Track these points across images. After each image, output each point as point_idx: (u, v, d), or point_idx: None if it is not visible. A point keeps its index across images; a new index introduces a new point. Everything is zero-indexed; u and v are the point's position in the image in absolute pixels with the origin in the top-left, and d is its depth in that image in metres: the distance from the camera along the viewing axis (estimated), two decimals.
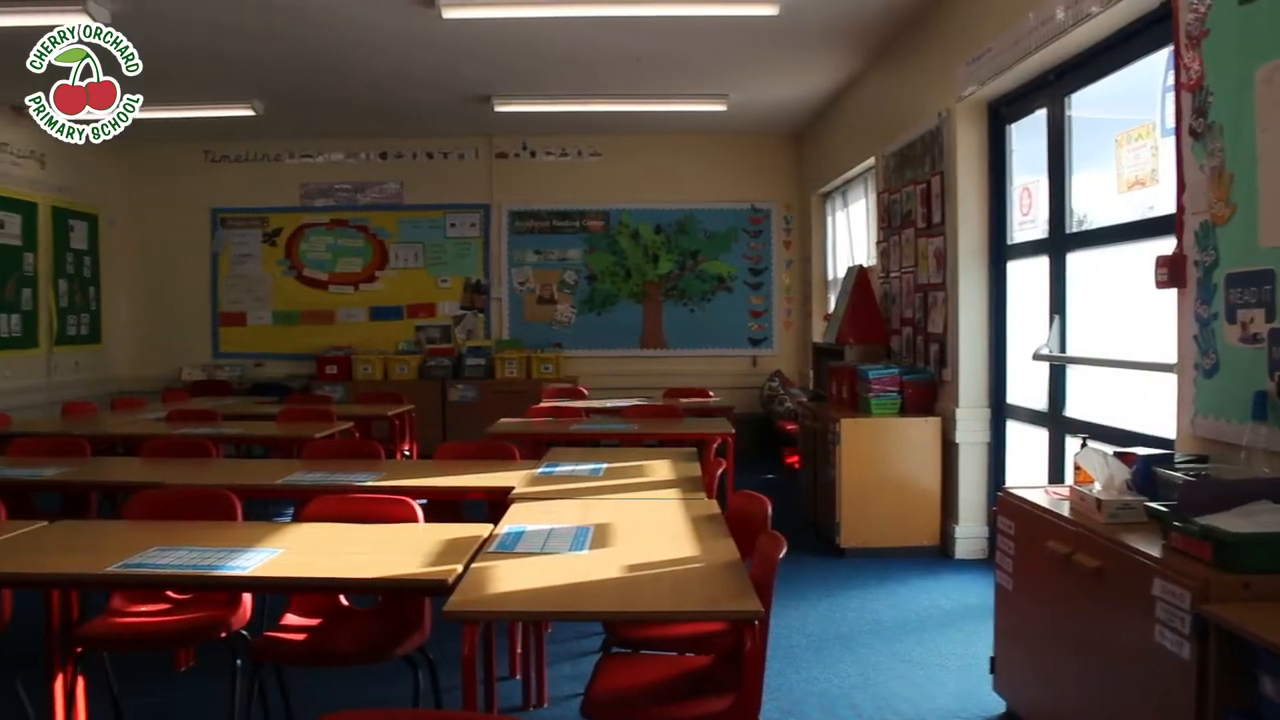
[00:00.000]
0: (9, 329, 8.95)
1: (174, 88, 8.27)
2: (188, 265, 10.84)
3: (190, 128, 9.74)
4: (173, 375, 10.56)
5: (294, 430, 6.27)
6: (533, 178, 10.58)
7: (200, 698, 4.10)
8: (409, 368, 10.22)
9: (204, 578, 2.86)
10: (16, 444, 5.52)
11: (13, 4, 6.05)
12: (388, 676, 4.10)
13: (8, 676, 3.60)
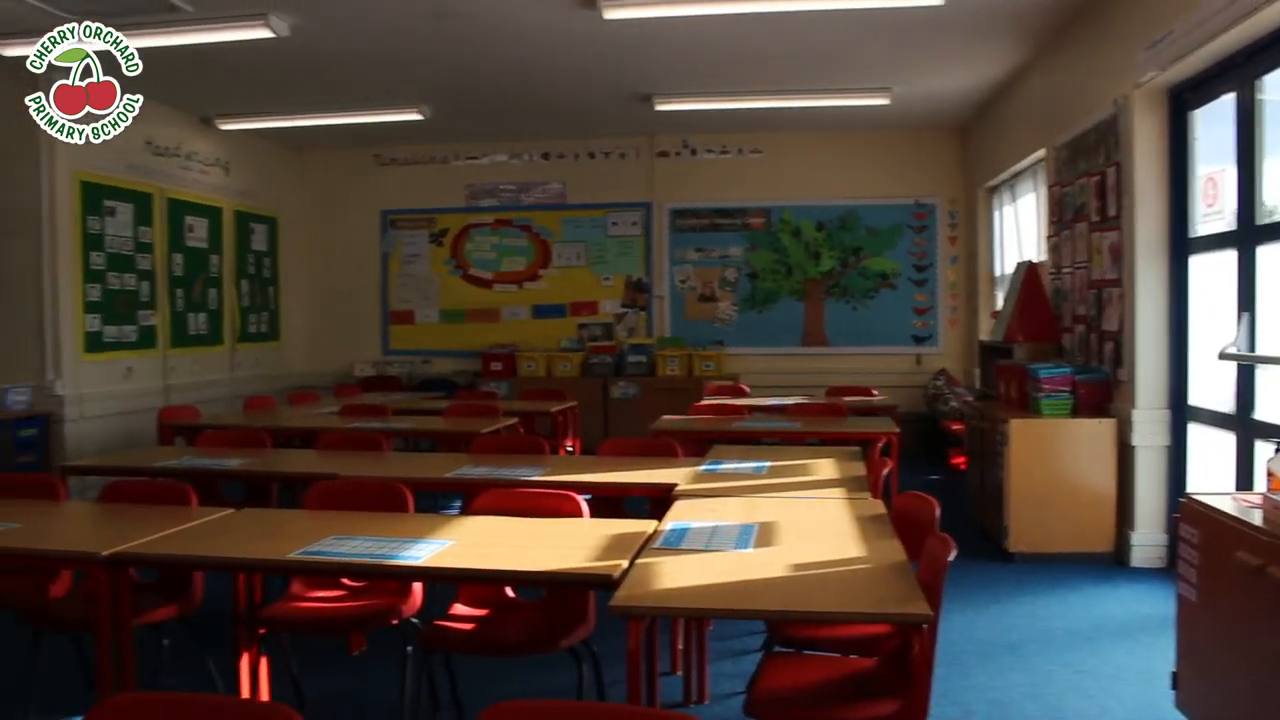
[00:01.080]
0: (197, 327, 9.46)
1: (347, 95, 8.59)
2: (359, 265, 11.25)
3: (361, 132, 10.12)
4: (345, 371, 10.96)
5: (461, 425, 6.43)
6: (693, 176, 10.60)
7: (372, 681, 4.24)
8: (572, 365, 10.37)
9: (379, 566, 2.96)
10: (204, 436, 5.84)
11: (200, 22, 6.38)
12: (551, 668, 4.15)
13: (199, 653, 3.80)
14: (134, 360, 8.59)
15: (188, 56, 7.07)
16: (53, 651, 3.80)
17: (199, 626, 3.86)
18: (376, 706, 3.97)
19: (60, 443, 7.75)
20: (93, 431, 8.03)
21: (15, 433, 7.43)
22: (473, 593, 3.62)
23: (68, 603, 3.81)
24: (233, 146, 10.01)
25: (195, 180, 9.45)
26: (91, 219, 8.09)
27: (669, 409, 7.43)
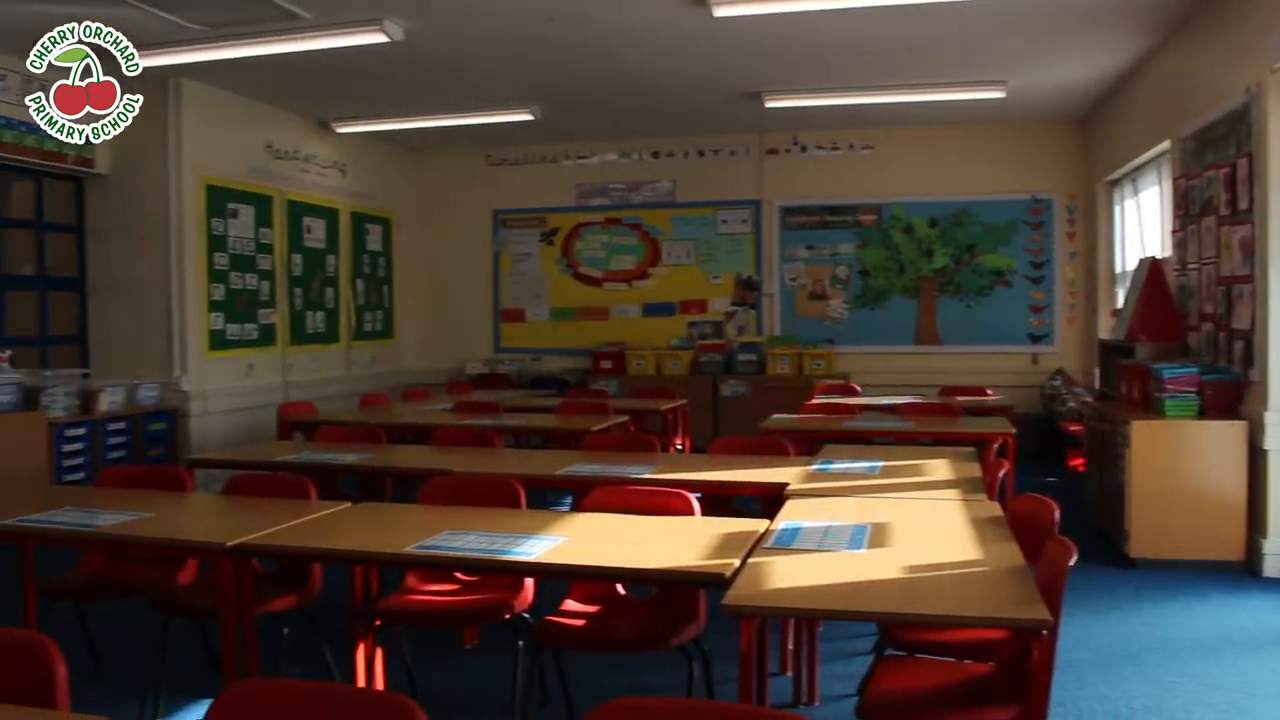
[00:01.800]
0: (315, 325, 9.71)
1: (459, 97, 8.73)
2: (471, 264, 11.42)
3: (473, 133, 10.27)
4: (457, 368, 11.14)
5: (572, 423, 6.49)
6: (803, 173, 10.52)
7: (484, 675, 4.30)
8: (681, 363, 10.37)
9: (493, 561, 3.00)
10: (322, 431, 5.99)
11: (317, 29, 6.54)
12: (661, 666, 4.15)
13: (317, 643, 3.90)
14: (255, 357, 8.86)
15: (306, 63, 7.26)
16: (180, 637, 3.93)
17: (317, 617, 3.95)
18: (487, 700, 4.02)
19: (186, 437, 8.04)
20: (216, 426, 8.30)
21: (145, 427, 7.73)
22: (584, 589, 3.65)
23: (194, 590, 3.94)
24: (349, 149, 10.25)
25: (313, 182, 9.70)
26: (216, 221, 8.37)
27: (779, 408, 7.38)
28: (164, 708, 3.85)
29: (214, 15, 6.39)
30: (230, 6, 6.21)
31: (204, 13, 6.34)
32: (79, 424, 7.24)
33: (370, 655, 3.63)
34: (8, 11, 6.24)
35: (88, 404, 7.40)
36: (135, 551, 4.10)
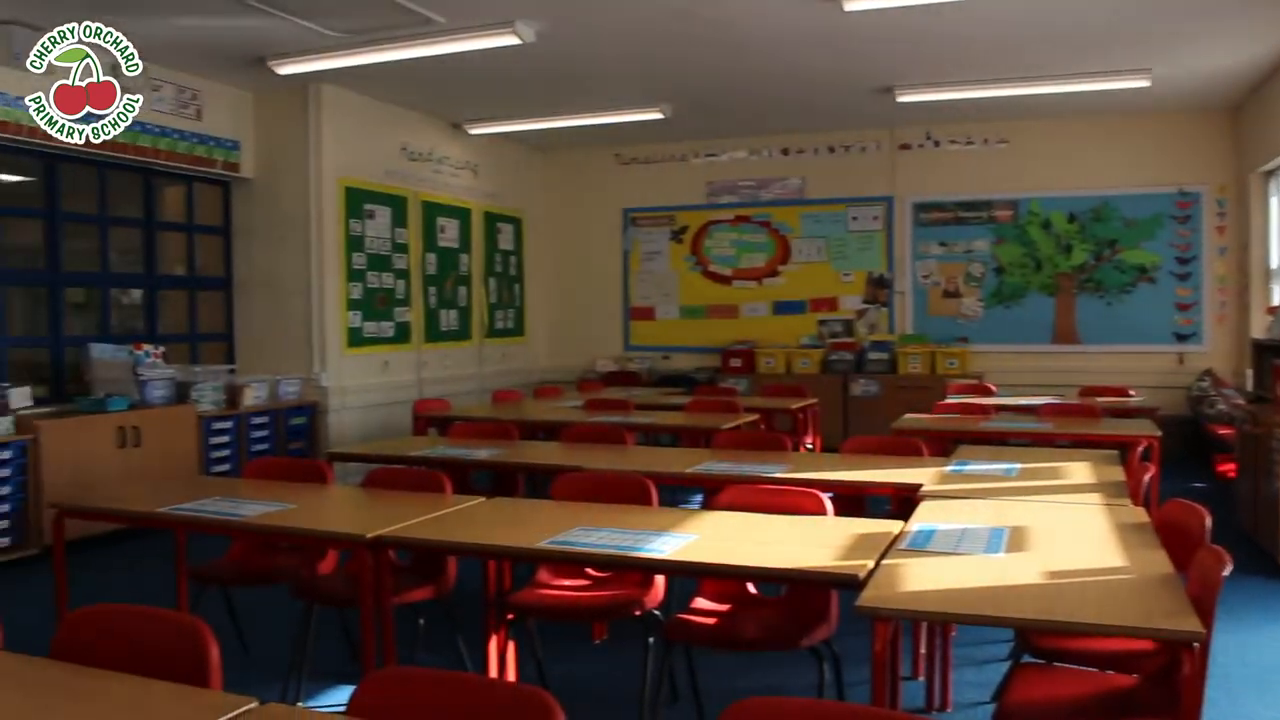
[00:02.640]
0: (448, 323, 9.91)
1: (590, 97, 8.80)
2: (601, 263, 11.50)
3: (603, 133, 10.34)
4: (587, 366, 11.23)
5: (702, 421, 6.48)
6: (937, 168, 10.31)
7: (613, 670, 4.33)
8: (811, 362, 10.28)
9: (625, 558, 3.02)
10: (456, 427, 6.10)
11: (452, 33, 6.66)
12: (790, 666, 4.13)
13: (451, 633, 3.98)
14: (390, 354, 9.08)
15: (440, 66, 7.40)
16: (320, 624, 4.05)
17: (451, 608, 4.03)
18: (616, 695, 4.04)
19: (324, 431, 8.29)
20: (353, 421, 8.54)
21: (287, 421, 7.99)
22: (715, 587, 3.64)
23: (334, 580, 4.06)
24: (481, 150, 10.43)
25: (446, 183, 9.90)
26: (353, 222, 8.60)
27: (911, 407, 7.26)
28: (304, 691, 3.97)
29: (352, 22, 6.56)
30: (367, 14, 6.37)
31: (343, 20, 6.52)
32: (226, 418, 7.53)
33: (503, 647, 3.69)
34: (160, 26, 6.51)
35: (234, 398, 7.69)
36: (279, 541, 4.24)
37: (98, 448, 6.60)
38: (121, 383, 7.06)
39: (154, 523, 3.92)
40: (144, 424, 6.88)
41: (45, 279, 7.29)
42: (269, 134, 8.44)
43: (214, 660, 2.10)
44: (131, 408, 6.94)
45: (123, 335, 7.74)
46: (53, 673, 2.12)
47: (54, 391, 7.21)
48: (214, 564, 4.33)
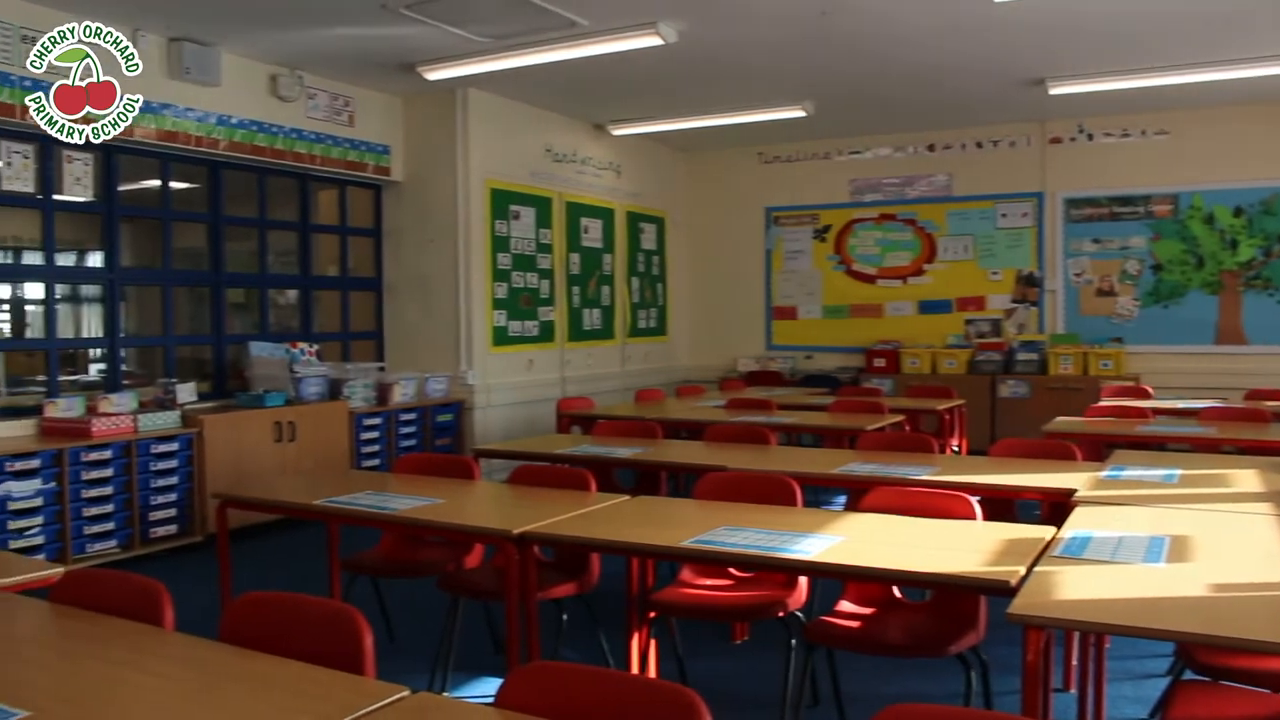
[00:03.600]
0: (591, 322, 10.01)
1: (732, 96, 8.77)
2: (743, 262, 11.46)
3: (745, 132, 10.29)
4: (729, 365, 11.21)
5: (846, 421, 6.40)
6: (1090, 162, 9.95)
7: (753, 671, 4.31)
8: (957, 362, 10.05)
9: (770, 559, 3.00)
10: (599, 425, 6.16)
11: (595, 35, 6.72)
12: (935, 673, 4.05)
13: (594, 629, 4.02)
14: (534, 353, 9.22)
15: (583, 68, 7.48)
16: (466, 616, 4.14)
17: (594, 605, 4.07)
18: (756, 696, 4.02)
19: (470, 428, 8.46)
20: (498, 418, 8.70)
21: (434, 418, 8.19)
22: (859, 590, 3.59)
23: (479, 573, 4.14)
24: (623, 150, 10.50)
25: (590, 184, 10.00)
26: (499, 223, 8.76)
27: (1062, 410, 7.04)
28: (449, 681, 4.06)
29: (498, 27, 6.68)
30: (513, 18, 6.47)
31: (489, 26, 6.64)
32: (376, 414, 7.76)
33: (644, 645, 3.71)
34: (317, 37, 6.75)
35: (383, 395, 7.92)
36: (427, 534, 4.35)
37: (256, 441, 6.87)
38: (278, 379, 7.35)
39: (309, 514, 4.06)
40: (299, 419, 7.14)
41: (209, 280, 7.63)
42: (418, 138, 8.67)
43: (368, 648, 2.16)
44: (288, 403, 7.21)
45: (280, 334, 8.05)
46: (220, 654, 2.22)
47: (216, 387, 7.55)
48: (364, 555, 4.46)
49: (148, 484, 6.28)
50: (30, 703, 1.92)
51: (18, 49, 6.02)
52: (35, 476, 5.72)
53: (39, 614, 2.56)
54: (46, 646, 2.37)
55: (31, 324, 7.41)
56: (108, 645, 2.29)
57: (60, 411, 6.19)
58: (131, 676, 2.12)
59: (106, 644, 2.30)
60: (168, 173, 7.21)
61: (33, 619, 2.55)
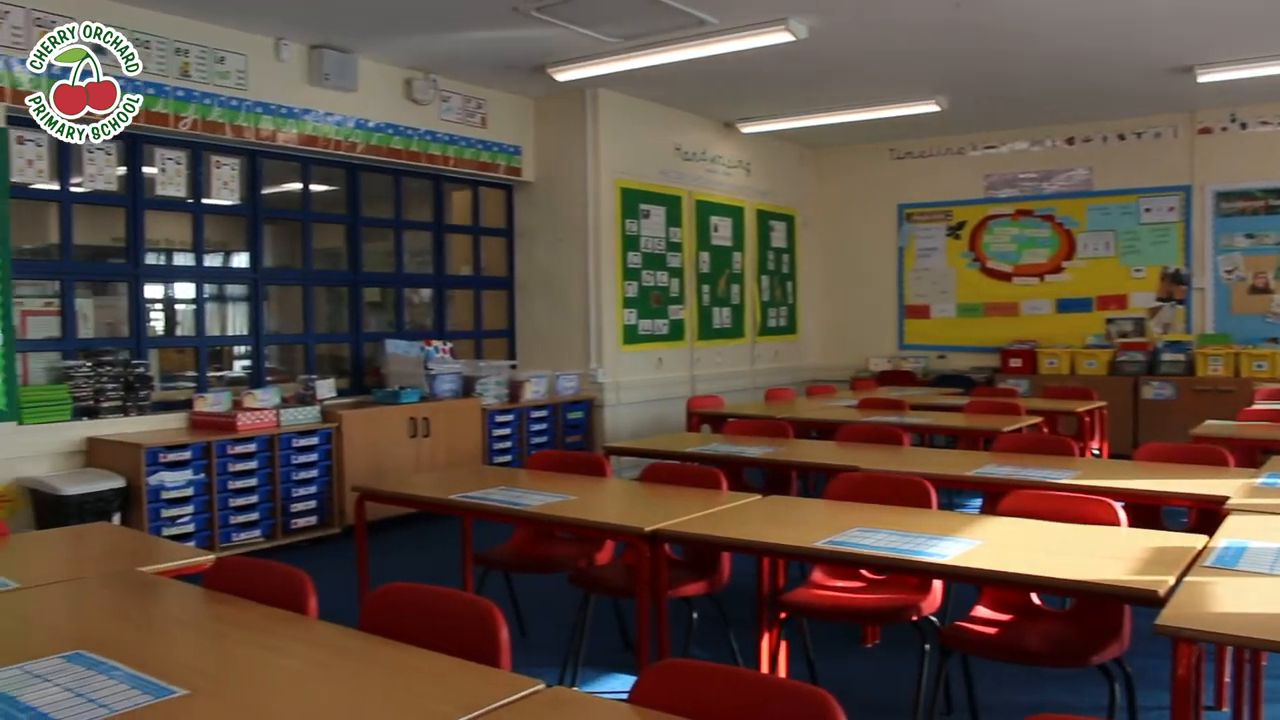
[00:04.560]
0: (721, 321, 9.99)
1: (863, 91, 8.66)
2: (874, 260, 11.29)
3: (876, 128, 10.13)
4: (859, 365, 11.06)
5: (981, 422, 6.25)
6: (1243, 153, 9.51)
7: (885, 675, 4.25)
8: (1098, 362, 9.73)
9: (905, 561, 2.94)
10: (730, 424, 6.15)
11: (724, 33, 6.70)
12: (1075, 683, 3.94)
13: (724, 629, 4.00)
14: (664, 351, 9.23)
15: (713, 66, 7.46)
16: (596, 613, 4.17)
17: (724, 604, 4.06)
18: (888, 701, 3.96)
19: (600, 425, 8.53)
20: (627, 416, 8.74)
21: (565, 415, 8.28)
22: (996, 596, 3.49)
23: (610, 570, 4.17)
24: (753, 148, 10.45)
25: (719, 182, 9.98)
26: (629, 222, 8.80)
27: (1210, 413, 6.75)
28: (580, 677, 4.10)
29: (628, 28, 6.71)
30: (642, 18, 6.49)
31: (619, 26, 6.67)
32: (507, 411, 7.87)
33: (775, 645, 3.68)
34: (451, 41, 6.88)
35: (515, 393, 8.03)
36: (559, 530, 4.40)
37: (392, 437, 7.04)
38: (413, 376, 7.51)
39: (444, 509, 4.14)
40: (433, 415, 7.29)
41: (347, 280, 7.85)
42: (549, 138, 8.77)
43: (504, 641, 2.19)
44: (422, 400, 7.36)
45: (414, 332, 8.24)
46: (361, 642, 2.28)
47: (354, 384, 7.76)
48: (497, 550, 4.53)
49: (289, 476, 6.49)
50: (188, 681, 2.01)
51: (172, 62, 6.29)
52: (186, 468, 5.96)
53: (194, 598, 2.67)
54: (201, 629, 2.46)
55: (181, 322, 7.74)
56: (257, 630, 2.37)
57: (208, 406, 6.44)
58: (280, 661, 2.19)
59: (255, 628, 2.38)
60: (308, 175, 7.44)
61: (188, 602, 2.65)
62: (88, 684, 1.99)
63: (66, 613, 2.62)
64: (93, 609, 2.63)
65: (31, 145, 5.91)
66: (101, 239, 7.28)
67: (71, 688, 1.98)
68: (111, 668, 2.08)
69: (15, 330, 5.78)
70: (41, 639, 2.36)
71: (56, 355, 6.16)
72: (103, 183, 6.27)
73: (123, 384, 6.20)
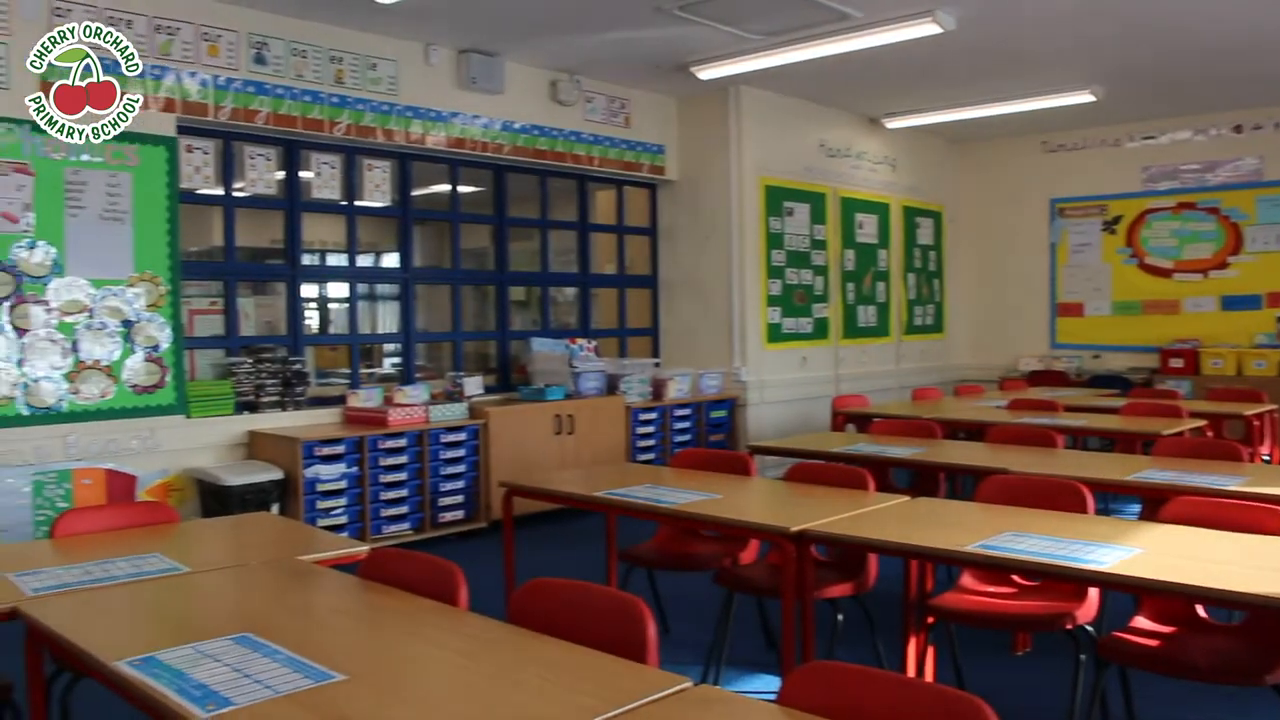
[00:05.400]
0: (866, 319, 9.84)
1: (1014, 83, 8.42)
2: (1024, 256, 10.96)
3: (1027, 120, 9.83)
4: (1009, 364, 10.76)
5: (1139, 425, 6.00)
6: None
7: (1036, 684, 4.12)
8: (1268, 363, 9.23)
9: (1060, 568, 2.83)
10: (875, 424, 6.05)
11: (869, 26, 6.59)
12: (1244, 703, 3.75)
13: (869, 632, 3.94)
14: (808, 350, 9.14)
15: (857, 61, 7.37)
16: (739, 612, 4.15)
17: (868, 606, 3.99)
18: (1038, 711, 3.84)
19: (743, 424, 8.49)
20: (770, 415, 8.69)
21: (708, 414, 8.27)
22: (1158, 607, 3.35)
23: (755, 570, 4.14)
24: (898, 143, 10.26)
25: (864, 178, 9.83)
26: (773, 220, 8.74)
27: None
28: (722, 676, 4.08)
29: (771, 24, 6.66)
30: (786, 14, 6.44)
31: (762, 22, 6.63)
32: (651, 409, 7.91)
33: (921, 650, 3.61)
34: (595, 42, 6.94)
35: (658, 391, 8.06)
36: (703, 528, 4.39)
37: (537, 433, 7.14)
38: (558, 374, 7.60)
39: (589, 505, 4.17)
40: (577, 413, 7.37)
41: (494, 279, 8.00)
42: (692, 137, 8.77)
43: (651, 638, 2.19)
44: (567, 397, 7.45)
45: (559, 330, 8.35)
46: (510, 635, 2.31)
47: (500, 381, 7.90)
48: (641, 546, 4.54)
49: (437, 471, 6.65)
50: (346, 667, 2.07)
51: (328, 70, 6.51)
52: (340, 461, 6.16)
53: (350, 587, 2.75)
54: (358, 617, 2.54)
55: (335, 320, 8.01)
56: (410, 620, 2.43)
57: (361, 402, 6.64)
58: (433, 651, 2.24)
59: (409, 618, 2.44)
60: (456, 177, 7.60)
61: (345, 591, 2.74)
62: (252, 665, 2.08)
63: (233, 597, 2.73)
64: (256, 594, 2.74)
65: (199, 153, 6.21)
66: (261, 241, 7.61)
67: (239, 668, 2.07)
68: (274, 650, 2.16)
69: (184, 329, 6.07)
70: (210, 620, 2.48)
71: (220, 352, 6.45)
72: (263, 187, 6.54)
73: (281, 380, 6.44)
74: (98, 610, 2.57)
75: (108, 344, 5.68)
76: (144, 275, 5.80)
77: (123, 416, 5.75)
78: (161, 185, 5.87)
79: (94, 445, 5.62)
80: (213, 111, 6.05)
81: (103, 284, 5.67)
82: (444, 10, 6.37)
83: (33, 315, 5.41)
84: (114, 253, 5.70)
